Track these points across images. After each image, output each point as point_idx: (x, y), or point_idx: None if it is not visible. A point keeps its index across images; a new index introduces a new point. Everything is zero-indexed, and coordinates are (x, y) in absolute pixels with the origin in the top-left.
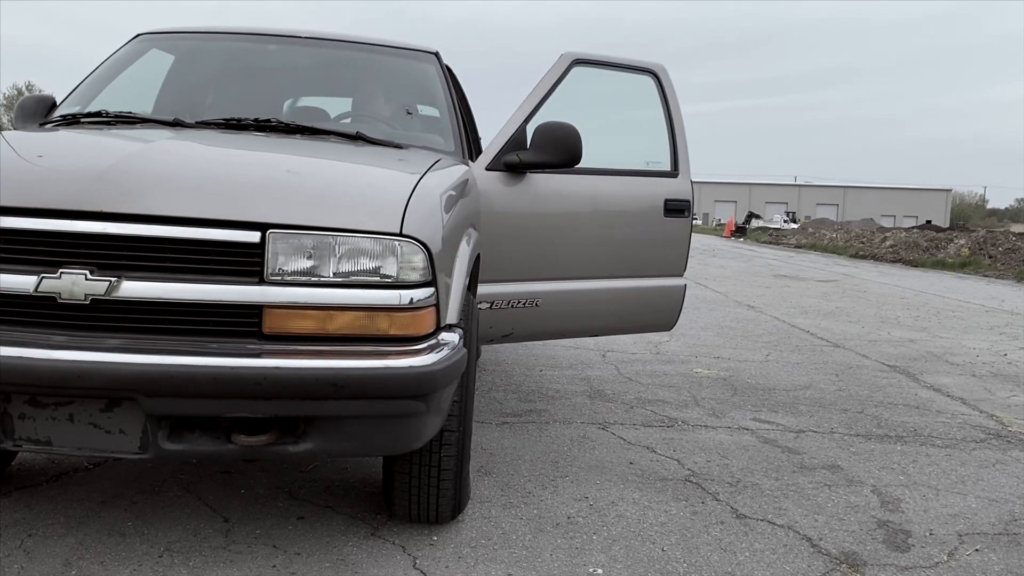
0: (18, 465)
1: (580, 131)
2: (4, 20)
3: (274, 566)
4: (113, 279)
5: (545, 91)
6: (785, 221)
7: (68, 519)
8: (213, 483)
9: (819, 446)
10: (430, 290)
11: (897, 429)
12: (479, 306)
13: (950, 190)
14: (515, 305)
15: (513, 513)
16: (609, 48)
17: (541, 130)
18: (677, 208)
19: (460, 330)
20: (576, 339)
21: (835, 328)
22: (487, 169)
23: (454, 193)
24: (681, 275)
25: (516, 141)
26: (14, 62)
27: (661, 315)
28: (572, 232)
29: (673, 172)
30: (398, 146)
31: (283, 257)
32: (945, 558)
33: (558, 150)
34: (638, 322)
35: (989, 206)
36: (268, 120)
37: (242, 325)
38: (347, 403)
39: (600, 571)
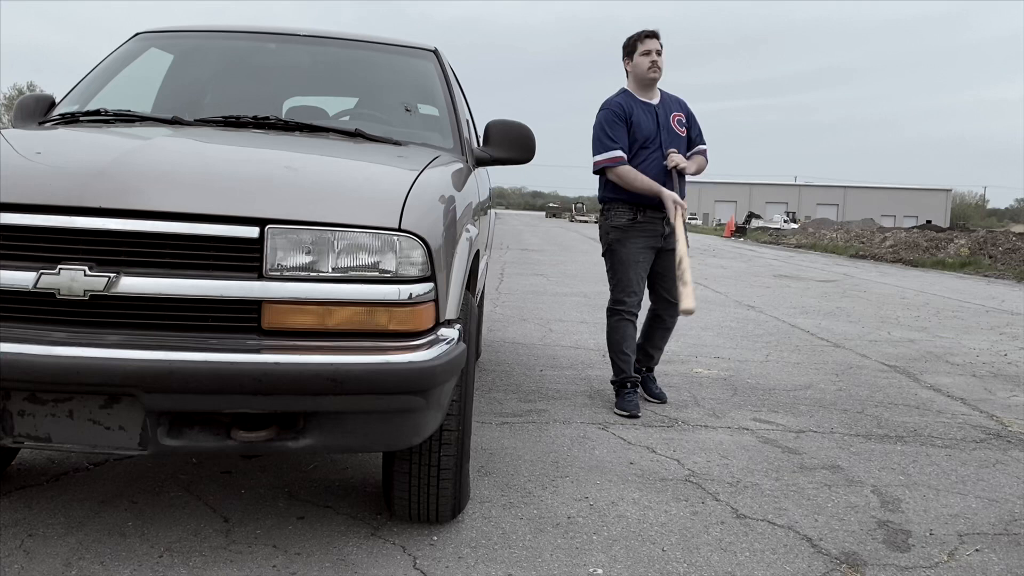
0: (18, 465)
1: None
2: (4, 20)
3: (274, 566)
4: (112, 275)
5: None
6: (785, 221)
7: (68, 519)
8: (213, 483)
9: (819, 446)
10: (429, 285)
11: (897, 429)
12: None
13: (950, 190)
14: None
15: (513, 513)
16: (608, 47)
17: (497, 127)
18: None
19: (459, 326)
20: (576, 339)
21: (835, 328)
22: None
23: (453, 189)
24: None
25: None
26: (14, 62)
27: None
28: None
29: None
30: (397, 143)
31: (282, 252)
32: (945, 558)
33: (516, 146)
34: None
35: (989, 206)
36: (267, 117)
37: (241, 321)
38: (347, 398)
39: (600, 571)
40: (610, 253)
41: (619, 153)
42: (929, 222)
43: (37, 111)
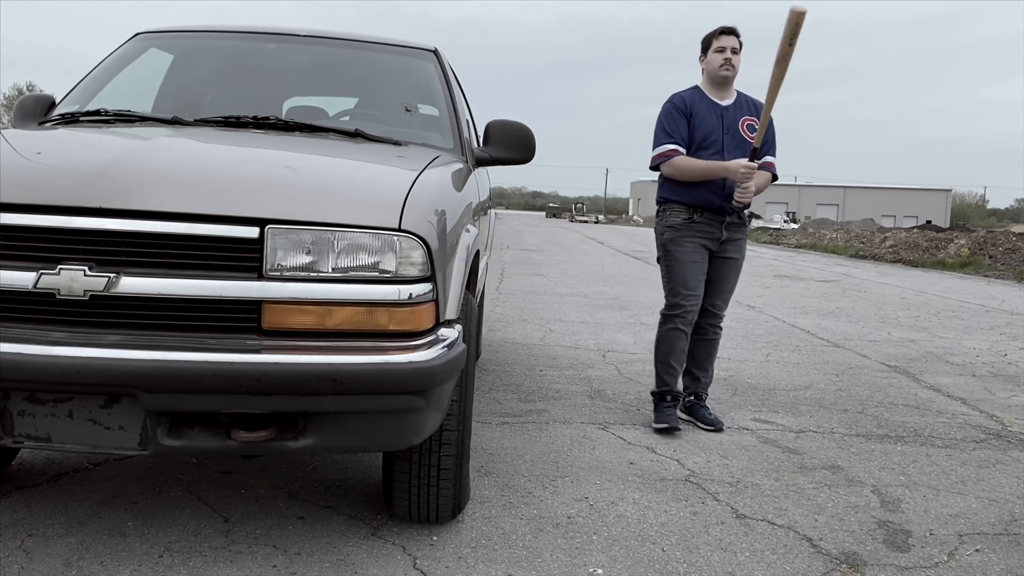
0: (18, 465)
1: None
2: (4, 20)
3: (274, 566)
4: (112, 275)
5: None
6: (785, 221)
7: (68, 519)
8: (213, 483)
9: (819, 446)
10: (429, 285)
11: (897, 429)
12: None
13: (950, 190)
14: None
15: (513, 513)
16: (608, 47)
17: (497, 127)
18: None
19: (459, 326)
20: (576, 339)
21: (835, 328)
22: None
23: (453, 189)
24: None
25: None
26: (14, 62)
27: None
28: None
29: None
30: (397, 143)
31: (282, 252)
32: (945, 558)
33: (516, 146)
34: None
35: (989, 206)
36: (267, 118)
37: (241, 321)
38: (346, 399)
39: (600, 571)
40: (665, 255)
41: (672, 146)
42: (929, 222)
43: (37, 111)
